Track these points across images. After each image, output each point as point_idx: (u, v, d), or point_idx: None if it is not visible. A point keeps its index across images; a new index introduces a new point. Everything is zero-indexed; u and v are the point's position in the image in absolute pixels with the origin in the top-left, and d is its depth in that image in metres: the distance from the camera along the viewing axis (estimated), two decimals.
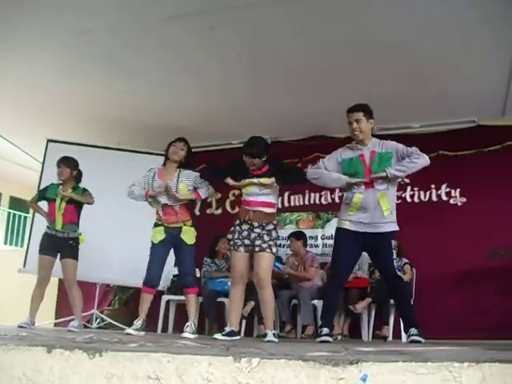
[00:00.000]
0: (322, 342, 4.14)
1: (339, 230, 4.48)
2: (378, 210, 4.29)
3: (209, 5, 4.98)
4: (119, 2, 5.04)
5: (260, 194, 4.58)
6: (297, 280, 6.62)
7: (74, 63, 6.12)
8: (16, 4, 5.06)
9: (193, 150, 8.08)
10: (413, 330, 4.26)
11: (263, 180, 4.55)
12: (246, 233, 4.60)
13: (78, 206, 5.63)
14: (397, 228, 4.40)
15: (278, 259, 6.52)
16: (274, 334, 4.52)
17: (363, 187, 4.34)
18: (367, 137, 4.52)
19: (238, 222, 4.70)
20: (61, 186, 5.64)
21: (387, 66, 5.87)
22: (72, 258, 5.54)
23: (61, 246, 5.54)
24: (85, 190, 5.70)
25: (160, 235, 4.95)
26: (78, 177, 5.75)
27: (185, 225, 4.98)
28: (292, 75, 6.20)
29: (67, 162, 5.65)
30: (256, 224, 4.58)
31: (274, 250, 4.57)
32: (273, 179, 4.55)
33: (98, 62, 6.10)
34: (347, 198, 4.46)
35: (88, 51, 5.85)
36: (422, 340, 4.16)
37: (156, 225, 5.02)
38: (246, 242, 4.58)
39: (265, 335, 4.56)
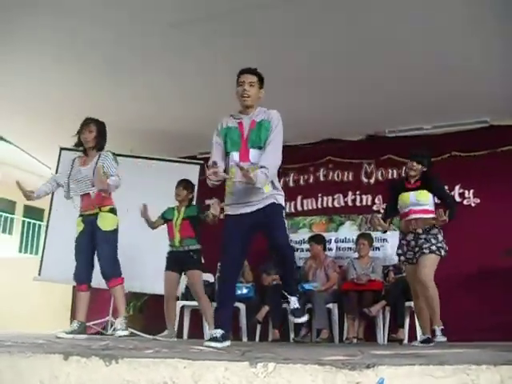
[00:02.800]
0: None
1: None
2: (255, 189, 3.69)
3: (216, 9, 4.99)
4: (125, 8, 5.07)
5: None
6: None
7: (85, 71, 6.16)
8: (31, 10, 5.11)
9: (201, 157, 8.13)
10: (293, 300, 3.87)
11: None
12: (413, 242, 4.88)
13: (193, 221, 5.68)
14: (278, 201, 3.82)
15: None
16: (441, 330, 4.72)
17: (237, 159, 3.75)
18: (254, 105, 3.99)
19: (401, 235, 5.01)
20: (176, 207, 5.81)
21: (399, 68, 5.86)
22: (196, 268, 5.61)
23: (182, 260, 5.62)
24: (198, 207, 5.91)
25: (79, 227, 4.80)
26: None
27: (101, 210, 4.74)
28: (302, 79, 6.20)
29: (185, 184, 5.87)
30: (420, 231, 4.82)
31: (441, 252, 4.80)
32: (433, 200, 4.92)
33: (110, 70, 6.13)
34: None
35: (99, 58, 5.89)
36: (304, 318, 3.96)
37: (78, 216, 4.86)
38: (416, 249, 4.85)
39: (433, 332, 4.74)
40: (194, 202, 7.43)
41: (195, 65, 6.02)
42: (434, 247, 4.71)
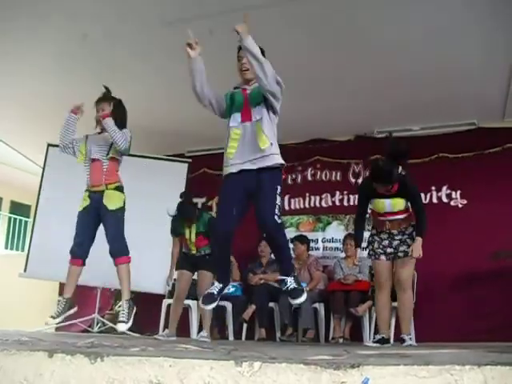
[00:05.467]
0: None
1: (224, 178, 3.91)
2: (256, 145, 3.77)
3: (207, 8, 5.00)
4: (119, 6, 5.05)
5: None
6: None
7: (73, 68, 6.13)
8: (15, 8, 5.07)
9: (189, 155, 8.11)
10: (289, 281, 3.69)
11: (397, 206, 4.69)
12: (386, 242, 4.75)
13: (207, 233, 5.53)
14: (281, 160, 3.86)
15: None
16: (410, 338, 4.67)
17: (239, 120, 3.89)
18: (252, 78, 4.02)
19: (375, 231, 4.85)
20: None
21: (387, 69, 5.88)
22: (208, 269, 5.51)
23: (197, 261, 5.61)
24: (209, 217, 5.67)
25: (85, 201, 4.63)
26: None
27: (107, 188, 4.59)
28: (291, 78, 6.19)
29: (190, 199, 5.82)
30: (395, 232, 4.73)
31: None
32: (407, 205, 4.72)
33: (98, 66, 6.10)
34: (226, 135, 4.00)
35: (87, 55, 5.86)
36: (302, 298, 3.66)
37: (85, 191, 4.70)
38: (388, 250, 4.73)
39: (402, 340, 4.64)
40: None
41: (186, 63, 6.00)
42: (409, 249, 4.60)
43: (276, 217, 3.64)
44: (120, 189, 4.73)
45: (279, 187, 3.76)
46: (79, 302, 5.03)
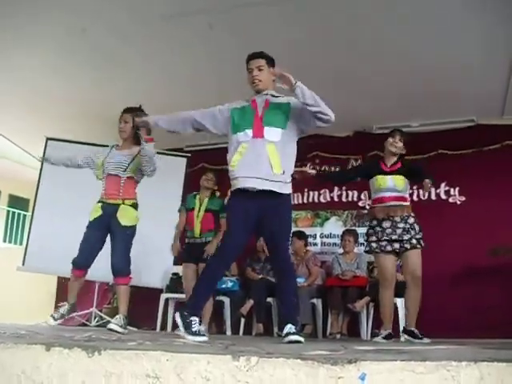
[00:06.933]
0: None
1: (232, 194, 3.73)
2: (266, 165, 3.53)
3: (208, 3, 4.99)
4: (119, 0, 5.05)
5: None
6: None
7: (73, 62, 6.12)
8: (15, 4, 5.06)
9: (188, 149, 8.09)
10: (289, 327, 3.44)
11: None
12: (390, 230, 4.68)
13: (216, 213, 5.62)
14: (290, 190, 3.67)
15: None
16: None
17: (251, 135, 3.60)
18: (268, 88, 3.83)
19: (375, 221, 4.78)
20: (198, 196, 5.72)
21: (386, 65, 5.88)
22: None
23: (198, 251, 5.50)
24: (221, 203, 5.66)
25: (96, 212, 4.54)
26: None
27: (123, 203, 4.51)
28: (292, 74, 6.19)
29: (215, 172, 5.85)
30: (398, 219, 4.66)
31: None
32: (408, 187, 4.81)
33: (97, 61, 6.10)
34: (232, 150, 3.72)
35: (87, 50, 5.85)
36: (302, 339, 3.37)
37: (98, 202, 4.62)
38: (393, 237, 4.66)
39: (412, 333, 4.66)
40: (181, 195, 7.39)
41: (185, 58, 6.00)
42: (414, 241, 4.59)
43: (289, 244, 3.70)
44: (135, 206, 4.64)
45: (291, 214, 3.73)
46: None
